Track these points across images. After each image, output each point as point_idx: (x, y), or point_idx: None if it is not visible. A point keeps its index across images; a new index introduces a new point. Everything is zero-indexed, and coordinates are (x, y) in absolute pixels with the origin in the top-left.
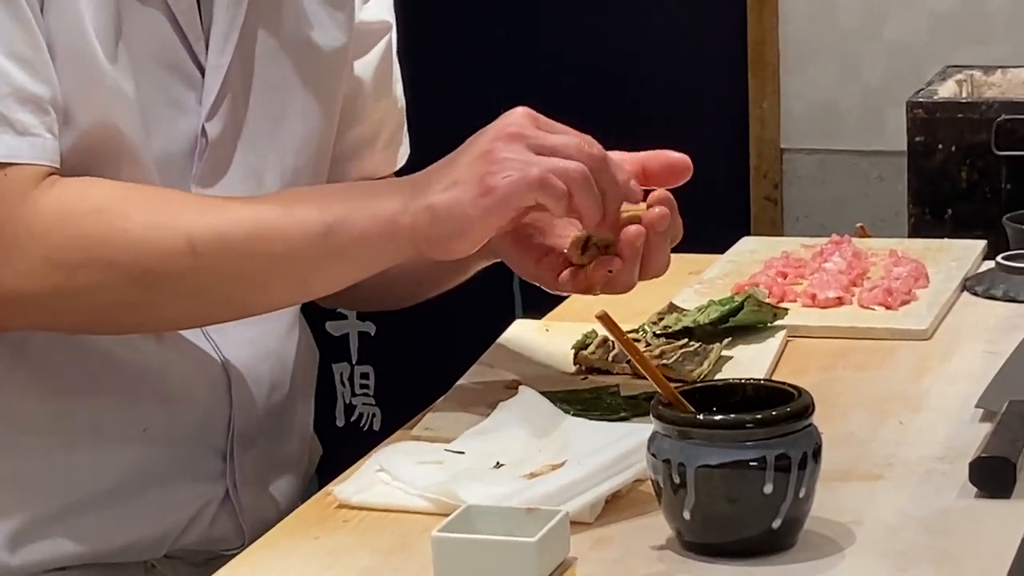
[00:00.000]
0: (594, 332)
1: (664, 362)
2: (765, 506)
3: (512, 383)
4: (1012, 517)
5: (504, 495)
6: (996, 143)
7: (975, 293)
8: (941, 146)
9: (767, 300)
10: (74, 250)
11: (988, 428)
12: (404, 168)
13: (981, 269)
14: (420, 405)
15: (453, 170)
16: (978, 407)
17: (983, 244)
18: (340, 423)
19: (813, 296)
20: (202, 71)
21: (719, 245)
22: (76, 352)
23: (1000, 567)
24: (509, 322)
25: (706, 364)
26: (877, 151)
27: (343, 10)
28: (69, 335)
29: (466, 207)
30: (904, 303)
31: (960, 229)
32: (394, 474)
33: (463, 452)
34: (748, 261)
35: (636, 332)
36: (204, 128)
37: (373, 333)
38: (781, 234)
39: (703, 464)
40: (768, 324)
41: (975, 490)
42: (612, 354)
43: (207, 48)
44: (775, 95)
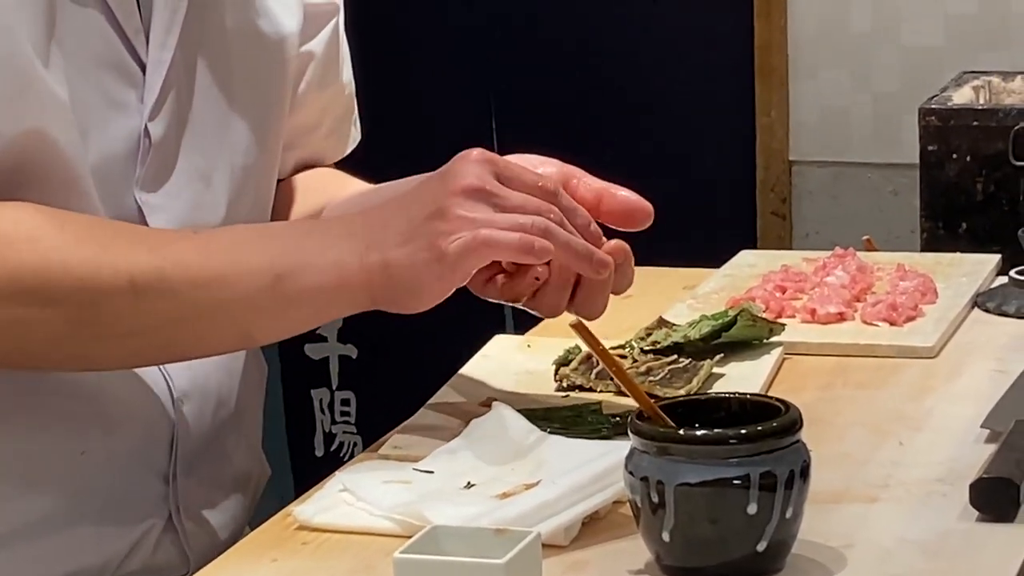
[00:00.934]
0: (577, 348)
1: (651, 379)
2: (749, 527)
3: (488, 400)
4: (1014, 541)
5: (474, 516)
6: (1014, 152)
7: (986, 310)
8: (955, 155)
9: (763, 315)
10: (3, 280)
11: (993, 449)
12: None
13: (994, 285)
14: None
15: (408, 222)
16: (983, 427)
17: (997, 259)
18: (319, 452)
19: (813, 311)
20: (143, 68)
21: (721, 263)
22: (7, 372)
23: None
24: None
25: (695, 381)
26: (891, 164)
27: None
28: None
29: (420, 269)
30: (909, 319)
31: (975, 244)
32: (358, 494)
33: (432, 471)
34: (746, 275)
35: (623, 348)
36: (147, 128)
37: (355, 357)
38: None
39: (683, 482)
40: (764, 340)
41: (976, 513)
42: (595, 371)
43: (148, 43)
44: (783, 104)
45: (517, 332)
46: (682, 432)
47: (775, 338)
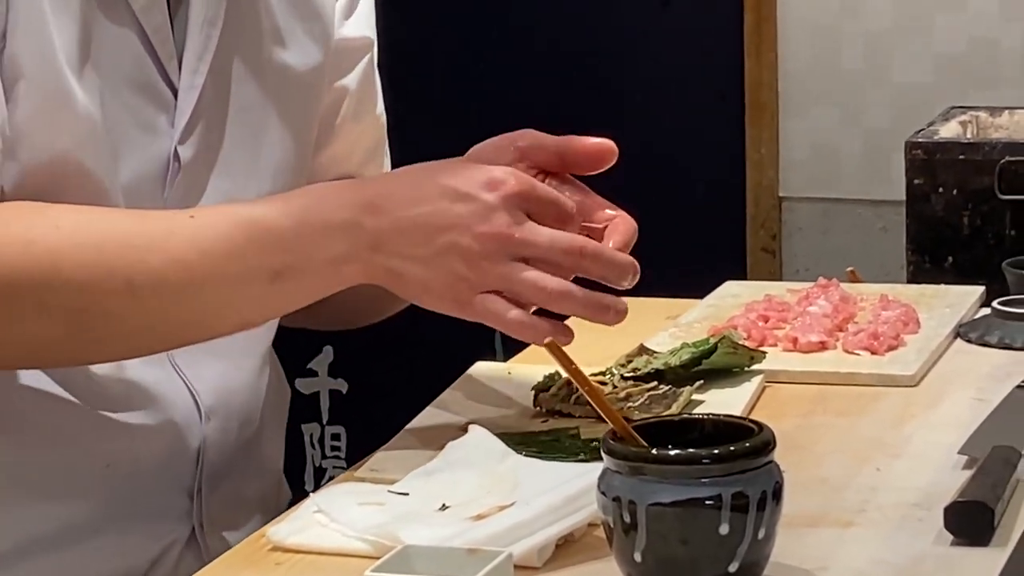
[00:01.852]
0: (557, 374)
1: (630, 405)
2: (721, 548)
3: (465, 425)
4: (988, 565)
5: (447, 537)
6: (1000, 187)
7: (969, 340)
8: (942, 189)
9: (744, 343)
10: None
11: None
12: None
13: (977, 316)
14: None
15: (426, 239)
16: (961, 454)
17: (981, 290)
18: (309, 487)
19: (794, 340)
20: (175, 92)
21: None
22: (34, 387)
23: None
24: None
25: (675, 407)
26: (881, 200)
27: (318, 22)
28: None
29: (435, 298)
30: (891, 348)
31: (961, 278)
32: (332, 515)
33: (407, 493)
34: (730, 305)
35: (603, 375)
36: (176, 151)
37: (345, 391)
38: None
39: (655, 502)
40: (744, 368)
41: (951, 537)
42: (574, 397)
43: (180, 68)
44: (773, 140)
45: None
46: (654, 452)
47: (756, 366)
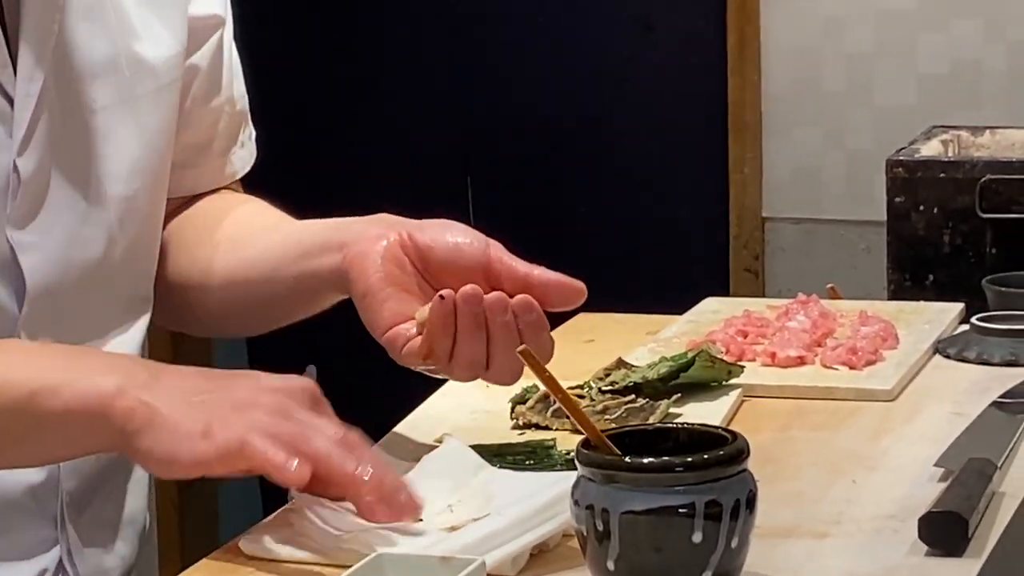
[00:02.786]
0: (535, 387)
1: (607, 417)
2: (694, 556)
3: (441, 437)
4: (962, 575)
5: (422, 547)
6: (981, 205)
7: (947, 356)
8: (923, 208)
9: (722, 357)
10: None
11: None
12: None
13: (957, 332)
14: None
15: (197, 390)
16: (937, 466)
17: (960, 307)
18: None
19: (773, 355)
20: (11, 102)
21: None
22: None
23: None
24: None
25: (652, 420)
26: (864, 221)
27: (173, 7)
28: None
29: (181, 437)
30: (869, 363)
31: (941, 296)
32: (306, 525)
33: None
34: (709, 321)
35: (581, 388)
36: (15, 164)
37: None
38: None
39: (628, 510)
40: (723, 382)
41: (926, 548)
42: (551, 410)
43: (16, 76)
44: (756, 161)
45: None
46: (628, 460)
47: (734, 380)
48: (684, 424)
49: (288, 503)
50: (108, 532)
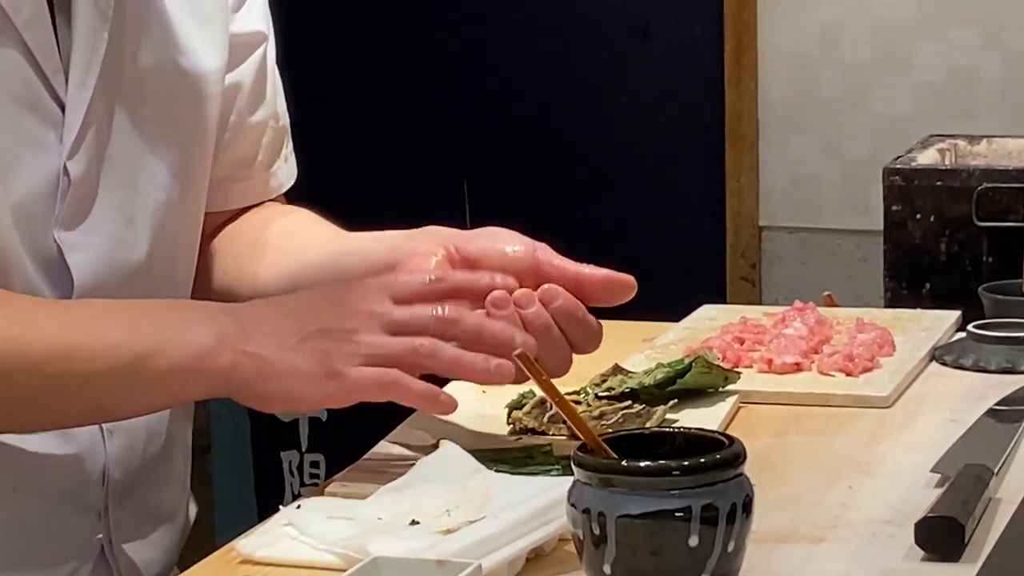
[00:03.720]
0: (531, 393)
1: (603, 423)
2: (690, 560)
3: (437, 441)
4: None
5: (417, 550)
6: (977, 213)
7: (944, 363)
8: (919, 216)
9: (718, 363)
10: None
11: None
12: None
13: (953, 339)
14: None
15: (294, 332)
16: (934, 472)
17: (957, 315)
18: None
19: (769, 361)
20: (62, 107)
21: None
22: None
23: None
24: None
25: (648, 426)
26: (860, 230)
27: (216, 26)
28: None
29: (306, 381)
30: (866, 370)
31: (938, 304)
32: (302, 528)
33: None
34: (706, 328)
35: (577, 394)
36: (66, 167)
37: (324, 419)
38: None
39: (624, 514)
40: (719, 388)
41: (922, 553)
42: (548, 415)
43: (67, 82)
44: (753, 170)
45: None
46: (624, 464)
47: (731, 386)
48: (681, 428)
49: (283, 507)
50: (149, 524)
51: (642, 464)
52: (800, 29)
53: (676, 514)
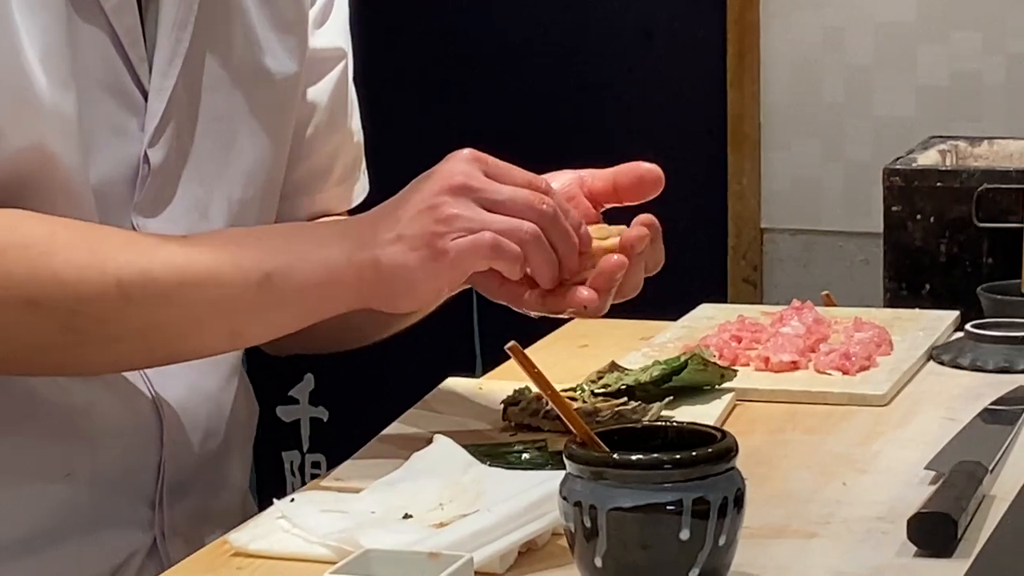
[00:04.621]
0: (527, 389)
1: (598, 419)
2: (681, 554)
3: (431, 436)
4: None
5: (409, 543)
6: (977, 214)
7: (941, 362)
8: (919, 217)
9: (714, 360)
10: None
11: None
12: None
13: (951, 339)
14: None
15: (398, 221)
16: (928, 469)
17: (955, 314)
18: None
19: (766, 360)
20: (145, 95)
21: None
22: None
23: None
24: None
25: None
26: (862, 232)
27: (295, 35)
28: None
29: (414, 268)
30: (863, 369)
31: (938, 306)
32: (295, 521)
33: (371, 503)
34: (703, 327)
35: (573, 391)
36: (146, 154)
37: (326, 419)
38: None
39: (615, 507)
40: (715, 386)
41: (915, 549)
42: (543, 411)
43: (151, 71)
44: (755, 172)
45: None
46: (616, 457)
47: (727, 384)
48: (673, 422)
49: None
50: (204, 524)
51: (633, 457)
52: (802, 32)
53: (667, 507)
